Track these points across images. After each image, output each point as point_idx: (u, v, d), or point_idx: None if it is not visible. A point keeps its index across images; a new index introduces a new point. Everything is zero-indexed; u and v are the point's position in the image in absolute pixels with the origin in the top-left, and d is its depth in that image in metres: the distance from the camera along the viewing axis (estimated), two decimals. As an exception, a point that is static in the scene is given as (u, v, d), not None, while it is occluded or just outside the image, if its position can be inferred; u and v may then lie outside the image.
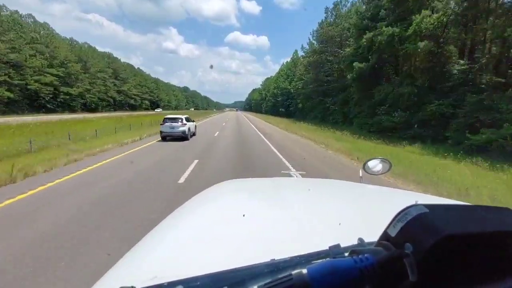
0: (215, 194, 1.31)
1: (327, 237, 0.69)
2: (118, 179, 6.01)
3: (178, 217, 1.01)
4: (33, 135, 11.18)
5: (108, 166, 7.49)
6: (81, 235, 3.46)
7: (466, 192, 5.44)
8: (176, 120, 13.00)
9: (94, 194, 4.99)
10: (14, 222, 3.83)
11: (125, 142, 11.74)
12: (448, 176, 6.74)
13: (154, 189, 5.38)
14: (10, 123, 19.38)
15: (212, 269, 0.45)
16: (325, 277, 0.32)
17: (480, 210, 0.38)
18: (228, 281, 0.41)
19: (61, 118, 30.41)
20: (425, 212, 0.34)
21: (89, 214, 4.11)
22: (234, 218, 0.89)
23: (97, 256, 2.97)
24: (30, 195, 4.95)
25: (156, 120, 20.76)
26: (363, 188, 1.42)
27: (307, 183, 1.62)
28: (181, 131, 12.81)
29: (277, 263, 0.45)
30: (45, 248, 3.13)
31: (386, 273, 0.32)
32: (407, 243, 0.32)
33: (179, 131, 12.76)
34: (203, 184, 2.65)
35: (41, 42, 48.38)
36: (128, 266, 0.69)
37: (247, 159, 9.03)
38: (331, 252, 0.46)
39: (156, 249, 0.75)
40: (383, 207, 1.02)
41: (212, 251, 0.69)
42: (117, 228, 3.65)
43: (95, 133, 13.38)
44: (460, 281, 0.31)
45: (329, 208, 1.03)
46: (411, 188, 5.82)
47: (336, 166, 8.43)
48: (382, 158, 1.78)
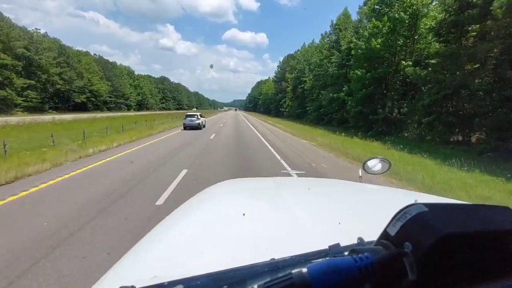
0: (214, 194, 1.31)
1: (327, 236, 0.69)
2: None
3: (178, 216, 1.02)
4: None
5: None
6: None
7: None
8: (193, 116, 20.32)
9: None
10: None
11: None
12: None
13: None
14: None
15: (212, 269, 0.45)
16: (325, 276, 0.32)
17: (480, 209, 0.38)
18: (228, 281, 0.41)
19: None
20: (425, 211, 0.34)
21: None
22: (234, 218, 0.89)
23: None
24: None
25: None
26: (363, 188, 1.42)
27: (307, 182, 1.62)
28: (197, 123, 19.82)
29: (277, 262, 0.45)
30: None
31: (386, 272, 0.32)
32: (407, 242, 0.32)
33: (195, 123, 19.76)
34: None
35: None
36: (128, 266, 0.69)
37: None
38: (331, 251, 0.47)
39: (156, 248, 0.75)
40: (382, 206, 1.02)
41: (212, 251, 0.69)
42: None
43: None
44: (459, 280, 0.32)
45: (328, 208, 1.03)
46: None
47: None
48: (381, 157, 1.78)
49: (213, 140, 13.63)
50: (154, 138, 14.31)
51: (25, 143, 10.41)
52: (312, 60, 37.77)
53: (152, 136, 15.27)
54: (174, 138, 14.45)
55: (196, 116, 20.21)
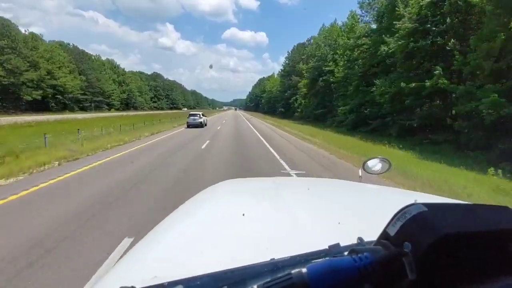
0: (214, 194, 1.31)
1: (327, 236, 0.69)
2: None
3: (178, 217, 1.02)
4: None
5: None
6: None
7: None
8: (196, 115, 22.44)
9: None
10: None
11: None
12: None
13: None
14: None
15: (212, 269, 0.45)
16: (325, 276, 0.32)
17: (479, 209, 0.38)
18: (228, 281, 0.41)
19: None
20: (424, 211, 0.34)
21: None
22: (233, 218, 0.89)
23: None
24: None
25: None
26: (363, 188, 1.42)
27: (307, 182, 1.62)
28: (199, 122, 21.87)
29: (277, 263, 0.45)
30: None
31: (385, 272, 0.32)
32: (406, 242, 0.32)
33: (197, 122, 21.82)
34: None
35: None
36: (128, 266, 0.69)
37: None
38: (331, 251, 0.47)
39: (156, 249, 0.75)
40: (382, 206, 1.02)
41: (211, 251, 0.69)
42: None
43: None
44: (459, 280, 0.32)
45: (328, 207, 1.03)
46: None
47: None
48: (381, 157, 1.78)
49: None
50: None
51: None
52: (340, 43, 27.83)
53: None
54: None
55: (198, 115, 22.37)
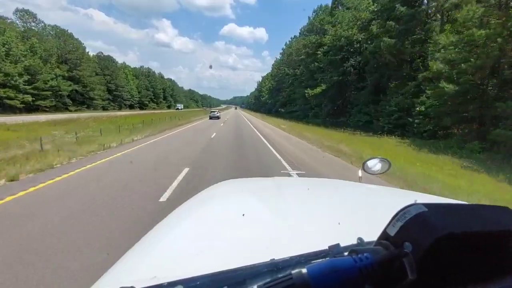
0: (214, 194, 1.31)
1: (327, 237, 0.69)
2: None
3: (177, 216, 1.01)
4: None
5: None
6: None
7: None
8: (214, 111, 38.60)
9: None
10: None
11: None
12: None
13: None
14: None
15: (212, 269, 0.45)
16: (325, 277, 0.32)
17: (480, 209, 0.38)
18: (228, 281, 0.41)
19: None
20: (424, 211, 0.34)
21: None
22: (233, 218, 0.89)
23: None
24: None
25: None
26: (363, 188, 1.42)
27: (307, 182, 1.62)
28: (217, 115, 36.22)
29: (277, 263, 0.45)
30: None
31: (386, 272, 0.32)
32: (406, 242, 0.32)
33: (217, 115, 36.05)
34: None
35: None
36: (128, 266, 0.69)
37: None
38: (331, 251, 0.47)
39: (155, 249, 0.75)
40: (382, 206, 1.02)
41: (212, 251, 0.69)
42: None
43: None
44: (459, 280, 0.32)
45: (328, 208, 1.03)
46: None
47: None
48: (381, 157, 1.78)
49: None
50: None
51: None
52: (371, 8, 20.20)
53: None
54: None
55: (216, 111, 38.84)
